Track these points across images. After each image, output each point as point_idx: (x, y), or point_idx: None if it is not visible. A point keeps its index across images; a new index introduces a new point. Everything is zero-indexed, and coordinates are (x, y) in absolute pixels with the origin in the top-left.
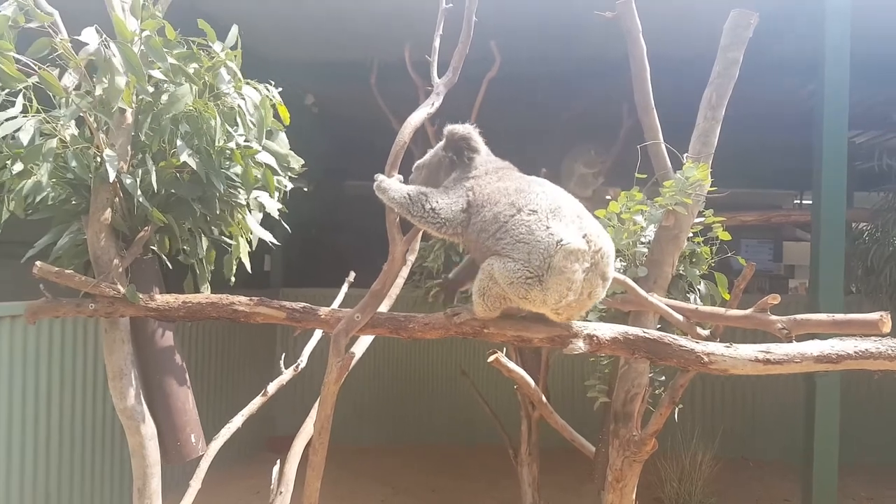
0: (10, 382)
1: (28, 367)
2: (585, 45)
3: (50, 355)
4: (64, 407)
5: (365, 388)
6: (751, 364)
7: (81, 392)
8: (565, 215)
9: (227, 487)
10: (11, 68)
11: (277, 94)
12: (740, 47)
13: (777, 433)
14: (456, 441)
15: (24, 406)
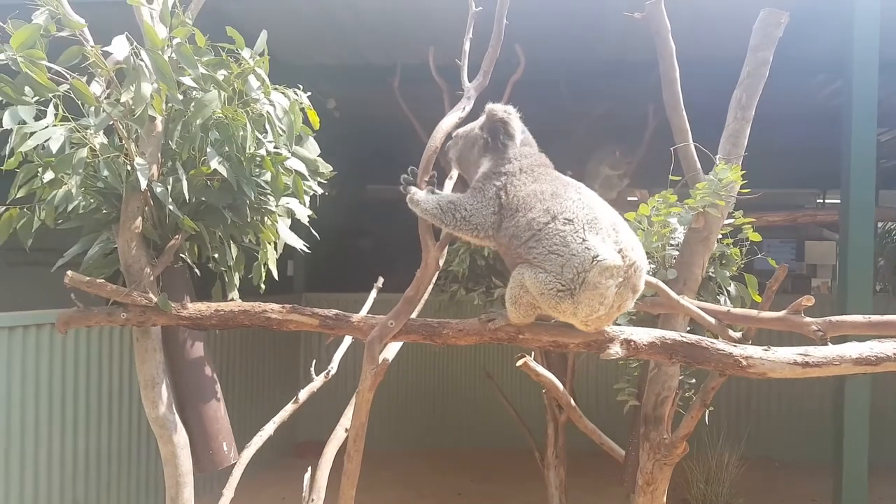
0: (36, 391)
1: (57, 375)
2: (610, 46)
3: (76, 364)
4: (100, 416)
5: (389, 392)
6: (789, 367)
7: (118, 401)
8: (602, 227)
9: (253, 494)
10: (44, 77)
11: (306, 98)
12: (770, 47)
13: (803, 433)
14: (480, 444)
15: (56, 414)
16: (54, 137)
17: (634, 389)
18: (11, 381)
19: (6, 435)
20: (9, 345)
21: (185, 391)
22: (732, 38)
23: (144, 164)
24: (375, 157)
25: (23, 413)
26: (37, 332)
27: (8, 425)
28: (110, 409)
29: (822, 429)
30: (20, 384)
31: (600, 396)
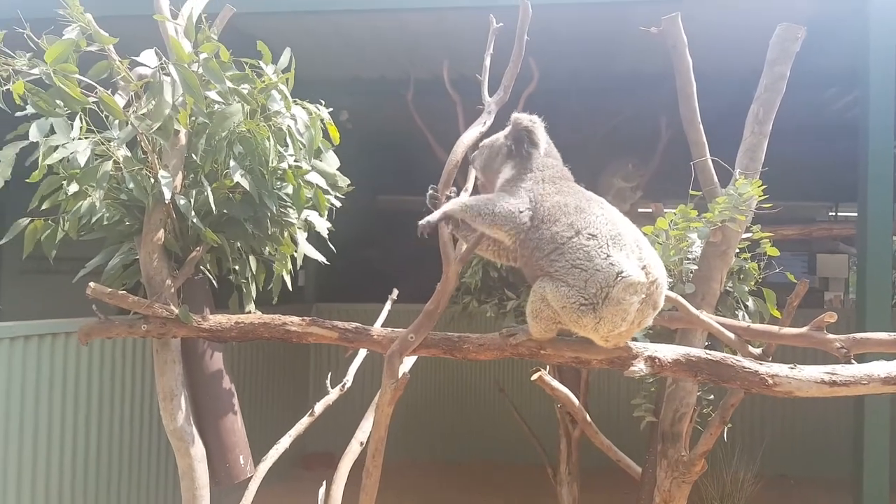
0: (50, 399)
1: (71, 385)
2: (623, 59)
3: (91, 373)
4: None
5: (400, 404)
6: (816, 386)
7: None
8: (626, 243)
9: None
10: (76, 90)
11: (327, 113)
12: (787, 61)
13: (819, 449)
14: (491, 458)
15: (71, 424)
16: (80, 150)
17: (651, 405)
18: (38, 389)
19: (21, 442)
20: (23, 353)
21: (204, 403)
22: (748, 53)
23: (168, 177)
24: (388, 168)
25: (36, 421)
26: (52, 341)
27: (21, 432)
28: (131, 419)
29: (839, 444)
30: (34, 392)
31: (612, 411)
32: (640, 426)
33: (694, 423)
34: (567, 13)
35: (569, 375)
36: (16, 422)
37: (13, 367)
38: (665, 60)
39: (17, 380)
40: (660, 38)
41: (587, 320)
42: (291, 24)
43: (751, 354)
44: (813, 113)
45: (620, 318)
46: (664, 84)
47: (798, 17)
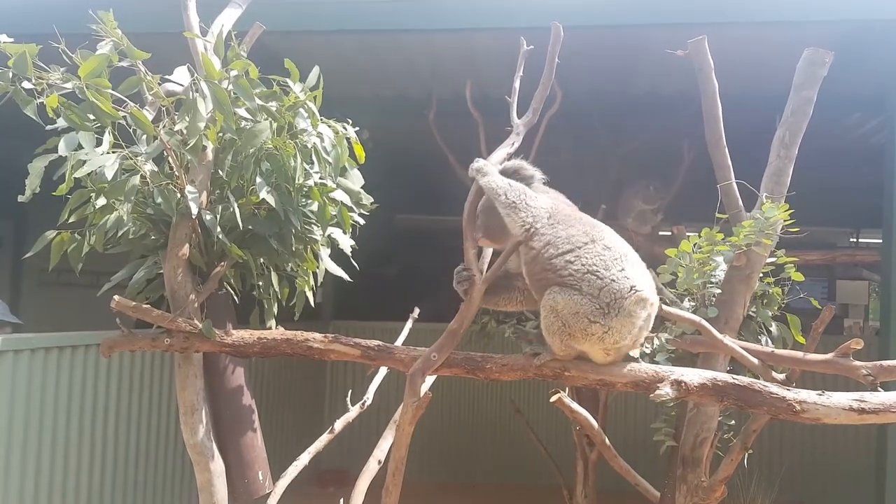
0: (66, 411)
1: (88, 396)
2: (646, 81)
3: (111, 386)
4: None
5: (416, 425)
6: (844, 413)
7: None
8: (634, 263)
9: None
10: (108, 105)
11: (354, 132)
12: (814, 86)
13: (839, 477)
14: (506, 480)
15: (90, 436)
16: (108, 164)
17: (671, 430)
18: (57, 400)
19: (39, 454)
20: (44, 365)
21: (224, 418)
22: (774, 76)
23: (195, 192)
24: (407, 187)
25: (54, 432)
26: (72, 354)
27: (39, 443)
28: (149, 433)
29: (859, 472)
30: (54, 403)
31: (629, 434)
32: (657, 450)
33: (714, 448)
34: (589, 35)
35: (587, 398)
36: (34, 433)
37: (32, 379)
38: (687, 83)
39: (36, 391)
40: (682, 61)
41: (595, 328)
42: (317, 42)
43: (774, 380)
44: (837, 138)
45: (627, 331)
46: (686, 106)
47: (823, 42)
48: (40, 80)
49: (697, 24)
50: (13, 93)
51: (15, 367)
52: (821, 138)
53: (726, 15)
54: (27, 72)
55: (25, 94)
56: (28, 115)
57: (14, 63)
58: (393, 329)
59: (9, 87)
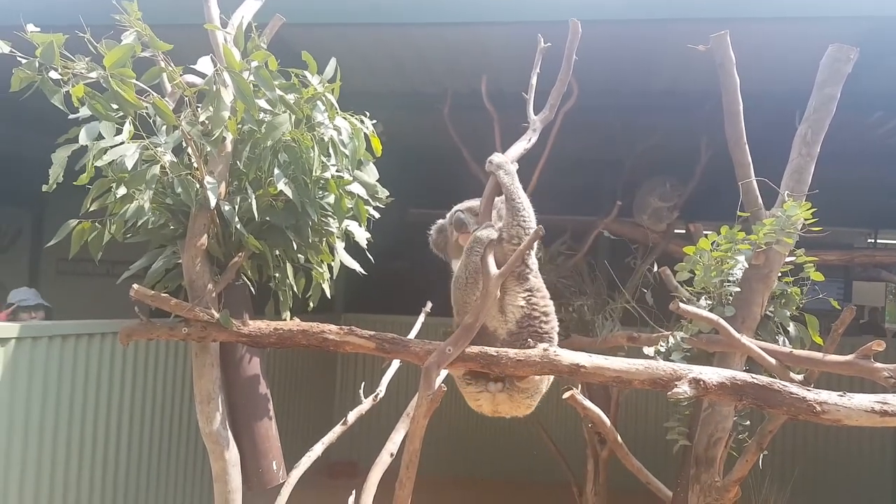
0: (82, 397)
1: (102, 383)
2: (663, 77)
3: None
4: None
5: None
6: (866, 415)
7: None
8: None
9: None
10: (132, 95)
11: (371, 125)
12: (838, 83)
13: (853, 481)
14: (516, 476)
15: (103, 423)
16: (129, 154)
17: (685, 429)
18: (73, 387)
19: (55, 440)
20: (60, 352)
21: (239, 408)
22: (796, 73)
23: (214, 183)
24: (420, 182)
25: (70, 418)
26: (88, 341)
27: (55, 429)
28: (162, 420)
29: (874, 475)
30: (70, 390)
31: (641, 432)
32: (669, 449)
33: (729, 448)
34: (606, 29)
35: (598, 396)
36: (51, 419)
37: (50, 366)
38: (706, 79)
39: (53, 378)
40: (702, 57)
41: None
42: (333, 35)
43: (793, 381)
44: (856, 137)
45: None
46: (705, 103)
47: (848, 38)
48: (66, 70)
49: (718, 19)
50: (40, 82)
51: (33, 355)
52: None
53: (749, 10)
54: (54, 61)
55: (52, 83)
56: (55, 104)
57: (41, 53)
58: (404, 323)
59: (36, 76)
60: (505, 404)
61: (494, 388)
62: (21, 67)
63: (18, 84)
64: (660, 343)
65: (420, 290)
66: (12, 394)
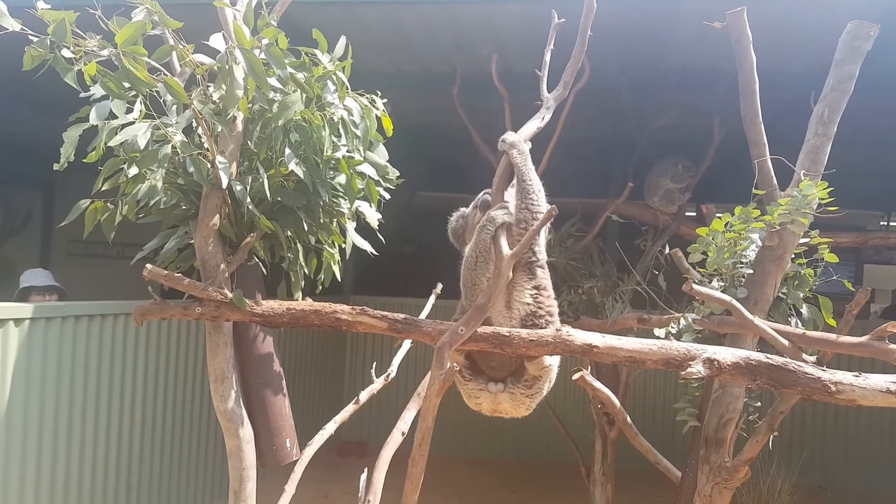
0: (96, 377)
1: (115, 363)
2: (676, 56)
3: (135, 354)
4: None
5: None
6: (881, 396)
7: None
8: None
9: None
10: (143, 73)
11: (382, 105)
12: (857, 61)
13: (861, 463)
14: (524, 456)
15: (116, 401)
16: (140, 134)
17: (695, 410)
18: (87, 367)
19: (70, 418)
20: (73, 333)
21: (253, 386)
22: (813, 51)
23: (225, 163)
24: (428, 163)
25: (85, 397)
26: (101, 322)
27: (70, 408)
28: (174, 399)
29: (882, 458)
30: (83, 370)
31: (649, 413)
32: (677, 429)
33: (739, 429)
34: (619, 5)
35: (607, 377)
36: (66, 399)
37: (63, 346)
38: (721, 57)
39: (67, 358)
40: (717, 34)
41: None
42: (341, 14)
43: (805, 362)
44: (871, 118)
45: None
46: (718, 82)
47: (867, 15)
48: (78, 48)
49: None
50: (53, 60)
51: (47, 335)
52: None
53: None
54: (66, 39)
55: (65, 61)
56: (67, 82)
57: (53, 31)
58: (413, 305)
59: (48, 54)
60: (506, 404)
61: (495, 388)
62: (33, 45)
63: (31, 62)
64: (671, 325)
65: (428, 273)
66: (27, 373)
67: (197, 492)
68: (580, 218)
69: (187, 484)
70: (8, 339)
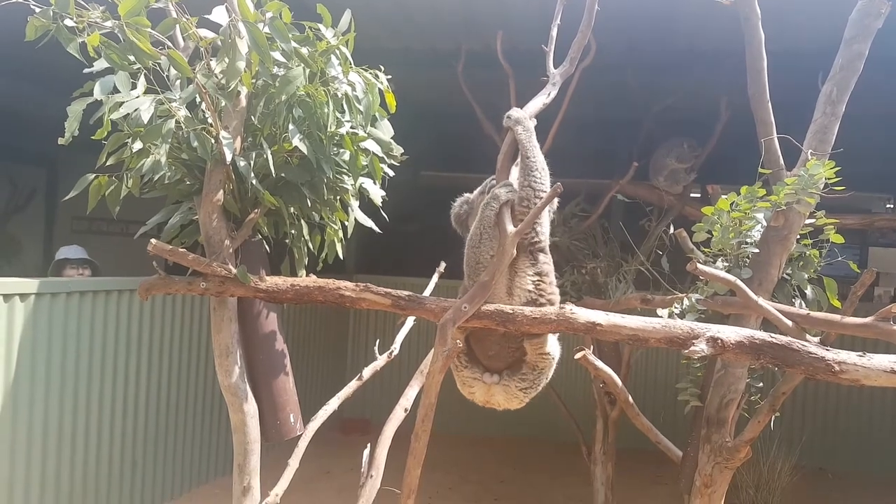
0: (102, 351)
1: (119, 338)
2: (683, 33)
3: (139, 329)
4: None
5: None
6: (885, 375)
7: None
8: None
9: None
10: (147, 45)
11: (386, 81)
12: (867, 39)
13: (861, 446)
14: (524, 435)
15: (124, 376)
16: (144, 108)
17: (697, 390)
18: (92, 342)
19: (75, 392)
20: (79, 308)
21: (257, 362)
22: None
23: (229, 138)
24: (432, 143)
25: (90, 371)
26: (105, 297)
27: (76, 381)
28: (179, 374)
29: (882, 441)
30: (89, 344)
31: (649, 392)
32: (678, 409)
33: (741, 409)
34: None
35: (609, 357)
36: (71, 372)
37: (69, 321)
38: (728, 35)
39: (72, 333)
40: (724, 11)
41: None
42: None
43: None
44: (878, 99)
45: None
46: (726, 60)
47: None
48: (81, 19)
49: None
50: (56, 31)
51: (52, 310)
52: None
53: None
54: (68, 9)
55: (67, 31)
56: (71, 52)
57: (56, 1)
58: (415, 285)
59: (51, 24)
60: (499, 396)
61: (490, 379)
62: (36, 16)
63: (34, 33)
64: (674, 305)
65: (430, 252)
66: (33, 349)
67: (201, 466)
68: (584, 198)
69: (191, 458)
70: (14, 313)
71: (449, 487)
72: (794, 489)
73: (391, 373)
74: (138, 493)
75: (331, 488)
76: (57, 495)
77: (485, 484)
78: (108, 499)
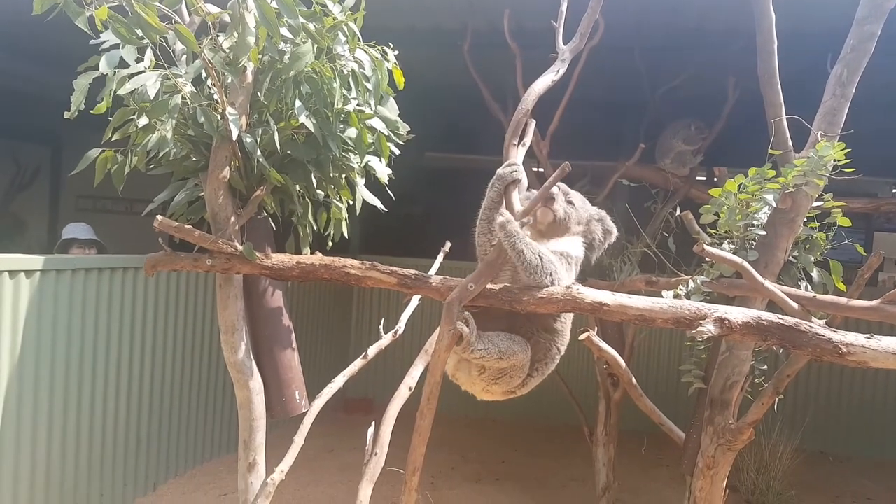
0: (106, 328)
1: (124, 315)
2: (691, 12)
3: (144, 307)
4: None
5: None
6: (893, 357)
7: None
8: None
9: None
10: (154, 19)
11: (394, 58)
12: (879, 19)
13: (863, 430)
14: (526, 416)
15: (125, 354)
16: (150, 83)
17: (701, 372)
18: (98, 319)
19: (81, 369)
20: (84, 286)
21: (263, 339)
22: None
23: (235, 114)
24: (437, 123)
25: (95, 347)
26: (111, 275)
27: (81, 358)
28: (183, 351)
29: (885, 426)
30: (95, 321)
31: (652, 374)
32: (681, 391)
33: (744, 392)
34: None
35: (612, 338)
36: (76, 349)
37: (74, 298)
38: (738, 16)
39: (77, 310)
40: None
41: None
42: None
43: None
44: (890, 80)
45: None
46: (735, 42)
47: None
48: None
49: None
50: (63, 4)
51: (57, 287)
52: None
53: None
54: None
55: (75, 4)
56: (79, 25)
57: None
58: (419, 266)
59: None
60: (461, 374)
61: (459, 349)
62: None
63: (41, 6)
64: (679, 287)
65: (435, 233)
66: (39, 326)
67: (206, 442)
68: (590, 179)
69: (196, 435)
70: (20, 290)
71: (451, 467)
72: (796, 472)
73: (395, 353)
74: (143, 470)
75: (334, 466)
76: (62, 473)
77: (486, 464)
78: (114, 476)
